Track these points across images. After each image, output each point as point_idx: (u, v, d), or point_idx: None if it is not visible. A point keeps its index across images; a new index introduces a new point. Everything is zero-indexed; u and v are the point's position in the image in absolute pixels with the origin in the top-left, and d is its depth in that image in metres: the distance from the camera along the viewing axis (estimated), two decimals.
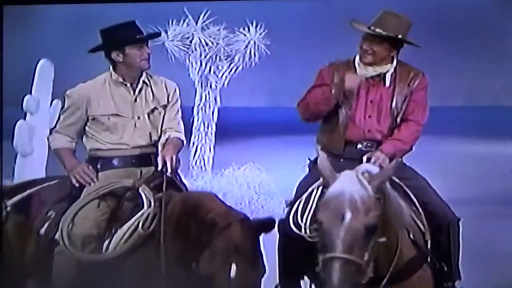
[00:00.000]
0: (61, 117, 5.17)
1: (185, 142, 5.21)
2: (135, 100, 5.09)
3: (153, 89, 5.13)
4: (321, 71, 5.19)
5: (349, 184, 4.34)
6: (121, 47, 5.04)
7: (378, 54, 5.07)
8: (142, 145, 5.11)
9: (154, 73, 5.22)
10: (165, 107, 5.15)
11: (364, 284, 4.28)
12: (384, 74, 5.13)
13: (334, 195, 4.33)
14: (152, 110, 5.12)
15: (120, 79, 5.08)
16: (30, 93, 7.49)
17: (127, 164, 5.08)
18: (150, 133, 5.12)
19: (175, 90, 5.19)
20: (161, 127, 5.13)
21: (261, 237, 4.62)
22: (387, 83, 5.14)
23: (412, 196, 4.91)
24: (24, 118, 7.52)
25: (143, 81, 5.11)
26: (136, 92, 5.10)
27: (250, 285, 4.40)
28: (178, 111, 5.20)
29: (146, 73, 5.15)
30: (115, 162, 5.09)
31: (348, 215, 4.24)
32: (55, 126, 5.23)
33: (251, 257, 4.44)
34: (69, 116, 5.12)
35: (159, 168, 4.90)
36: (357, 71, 5.12)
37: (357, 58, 5.15)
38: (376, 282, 4.47)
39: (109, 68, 5.13)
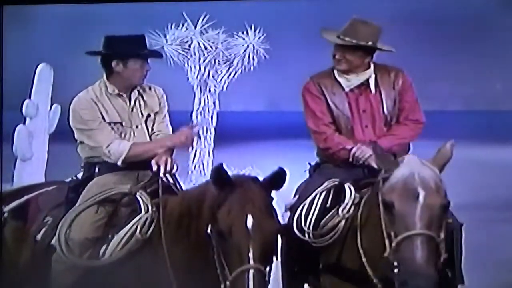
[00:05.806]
0: (95, 131, 5.03)
1: None
2: (132, 110, 5.15)
3: (145, 97, 5.19)
4: (309, 89, 5.16)
5: (416, 166, 4.38)
6: (125, 58, 5.06)
7: (352, 62, 5.08)
8: None
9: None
10: (156, 113, 5.21)
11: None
12: (367, 81, 5.14)
13: (403, 177, 4.36)
14: (146, 118, 5.18)
15: (116, 91, 5.11)
16: (29, 97, 7.49)
17: (124, 168, 5.07)
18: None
19: (163, 95, 5.26)
20: (152, 130, 5.18)
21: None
22: (373, 90, 5.14)
23: None
24: (24, 123, 7.52)
25: (137, 91, 5.17)
26: (132, 102, 5.15)
27: (267, 236, 4.37)
28: (165, 115, 5.25)
29: None
30: (112, 166, 5.07)
31: (422, 193, 4.28)
32: (81, 142, 5.15)
33: (266, 209, 4.44)
34: (99, 125, 5.05)
35: (154, 169, 4.92)
36: (341, 83, 5.12)
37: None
38: None
39: (103, 77, 5.13)
